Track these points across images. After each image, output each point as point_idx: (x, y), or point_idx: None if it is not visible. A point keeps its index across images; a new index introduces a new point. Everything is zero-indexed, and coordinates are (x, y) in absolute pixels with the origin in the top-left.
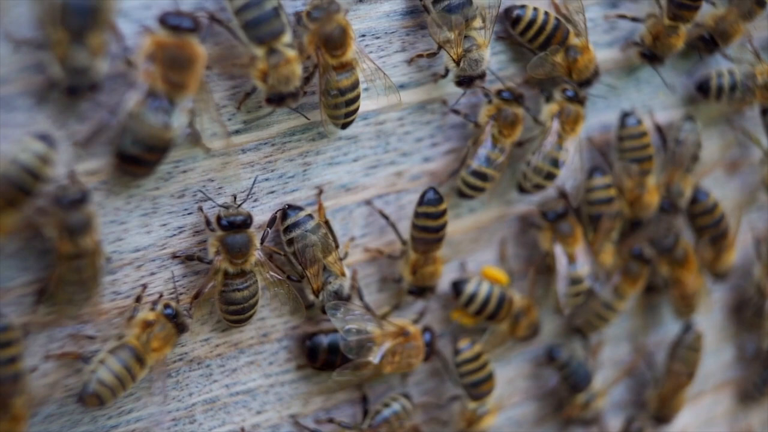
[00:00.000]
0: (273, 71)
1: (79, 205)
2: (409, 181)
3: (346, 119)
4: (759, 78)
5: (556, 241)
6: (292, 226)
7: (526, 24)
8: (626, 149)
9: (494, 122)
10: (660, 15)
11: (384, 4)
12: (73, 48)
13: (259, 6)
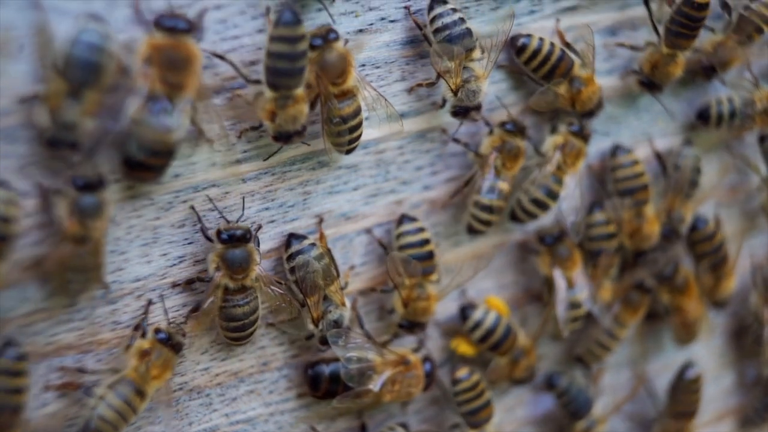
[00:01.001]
0: (281, 112)
1: (95, 189)
2: (410, 209)
3: (349, 146)
4: (758, 104)
5: (555, 265)
6: (296, 254)
7: (530, 53)
8: (619, 179)
9: (498, 154)
10: (658, 43)
11: (384, 33)
12: (67, 102)
13: (292, 61)
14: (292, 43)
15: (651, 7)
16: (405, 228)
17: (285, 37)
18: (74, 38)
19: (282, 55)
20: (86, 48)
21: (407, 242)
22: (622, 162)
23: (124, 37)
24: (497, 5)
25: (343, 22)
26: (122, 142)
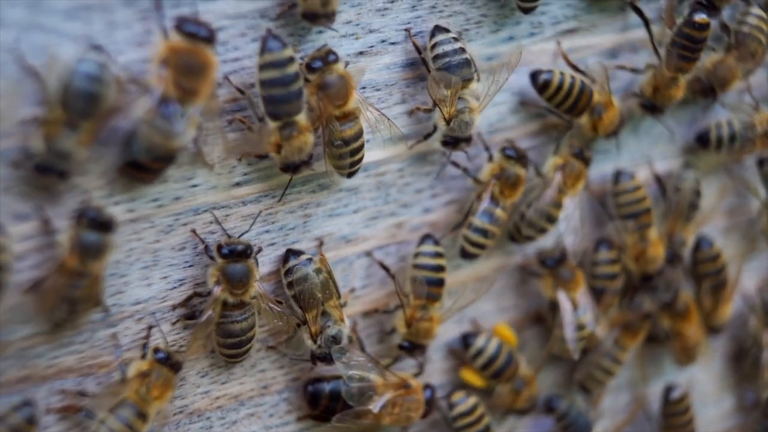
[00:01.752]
0: (286, 143)
1: (103, 229)
2: (410, 232)
3: (350, 169)
4: (758, 127)
5: (558, 287)
6: (293, 269)
7: (554, 89)
8: (622, 204)
9: (496, 181)
10: (659, 66)
11: (384, 56)
12: (63, 130)
13: (286, 85)
14: (280, 67)
15: (651, 29)
16: (425, 249)
17: (272, 63)
18: (73, 69)
19: (274, 82)
20: (84, 79)
21: (423, 263)
22: (625, 187)
23: (124, 60)
24: (497, 27)
25: (344, 44)
26: (127, 141)
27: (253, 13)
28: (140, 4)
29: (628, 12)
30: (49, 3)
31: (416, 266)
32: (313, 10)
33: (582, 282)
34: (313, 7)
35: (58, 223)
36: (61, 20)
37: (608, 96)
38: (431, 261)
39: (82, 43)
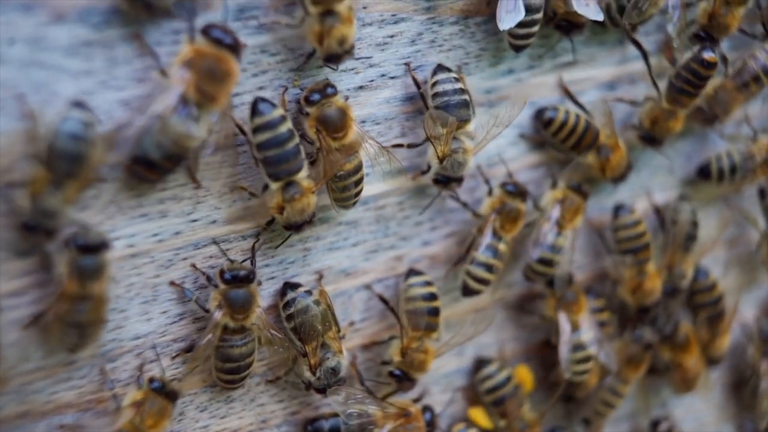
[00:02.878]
0: (289, 205)
1: (96, 251)
2: (409, 264)
3: (353, 200)
4: (757, 157)
5: (560, 309)
6: (291, 302)
7: (558, 126)
8: (622, 240)
9: (497, 216)
10: (658, 98)
11: (384, 90)
12: (49, 189)
13: (281, 145)
14: (273, 128)
15: (650, 62)
16: (414, 280)
17: (264, 125)
18: (57, 128)
19: (269, 144)
20: (68, 139)
21: (415, 294)
22: (625, 222)
23: (125, 96)
24: (497, 61)
25: (344, 79)
26: (140, 137)
27: (253, 49)
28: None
29: (627, 45)
30: (49, 39)
31: (409, 299)
32: (332, 52)
33: (585, 305)
34: (331, 49)
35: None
36: (62, 57)
37: (615, 138)
38: (423, 290)
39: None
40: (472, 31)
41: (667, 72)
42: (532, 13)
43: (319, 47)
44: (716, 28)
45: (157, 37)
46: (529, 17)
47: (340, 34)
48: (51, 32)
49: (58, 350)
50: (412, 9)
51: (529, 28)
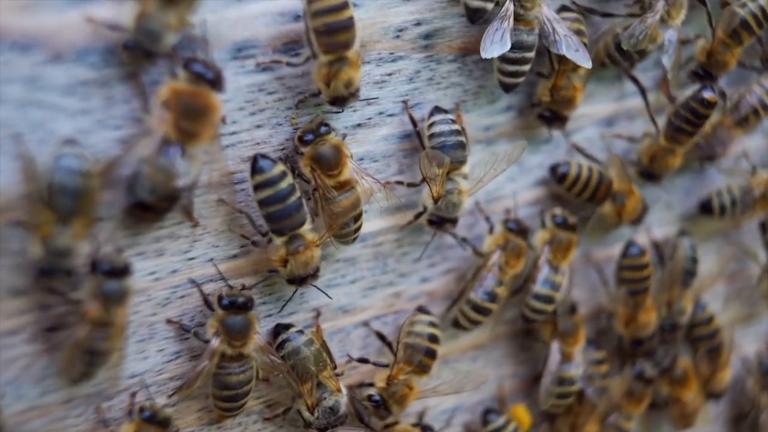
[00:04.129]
0: (292, 258)
1: (121, 275)
2: (408, 301)
3: (353, 236)
4: (756, 191)
5: (556, 337)
6: (284, 343)
7: (571, 180)
8: (625, 279)
9: (501, 252)
10: (656, 135)
11: (382, 128)
12: (56, 229)
13: (282, 201)
14: (273, 185)
15: (648, 98)
16: (421, 318)
17: (265, 182)
18: (54, 166)
19: (270, 200)
20: (67, 175)
21: (419, 331)
22: (633, 263)
23: (123, 134)
24: (495, 98)
25: (342, 117)
26: (130, 183)
27: (250, 87)
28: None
29: (625, 81)
30: (46, 79)
31: (411, 333)
32: (338, 94)
33: (582, 338)
34: (338, 91)
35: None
36: (59, 96)
37: (629, 184)
38: (427, 329)
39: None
40: (470, 69)
41: (666, 109)
42: (523, 50)
43: (325, 89)
44: (715, 66)
45: (154, 76)
46: (519, 54)
47: (348, 78)
48: (48, 72)
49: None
50: (409, 47)
51: (519, 65)
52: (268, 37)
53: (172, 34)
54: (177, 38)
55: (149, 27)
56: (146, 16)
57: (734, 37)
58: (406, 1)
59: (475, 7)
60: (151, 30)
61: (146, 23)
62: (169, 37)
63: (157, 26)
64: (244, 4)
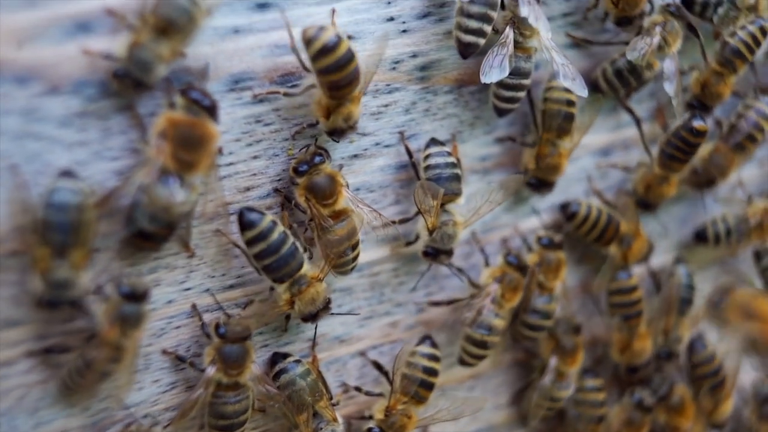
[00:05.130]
0: (298, 299)
1: (140, 300)
2: (404, 331)
3: (350, 266)
4: (752, 220)
5: (555, 353)
6: (281, 373)
7: (581, 220)
8: (616, 305)
9: (498, 285)
10: (650, 164)
11: (378, 159)
12: (54, 262)
13: (276, 252)
14: (265, 238)
15: (643, 128)
16: (423, 349)
17: (256, 237)
18: (46, 201)
19: (265, 253)
20: (59, 210)
21: (417, 363)
22: (621, 286)
23: (120, 165)
24: (491, 129)
25: (339, 147)
26: (129, 212)
27: (247, 119)
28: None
29: (620, 111)
30: (43, 111)
31: (410, 363)
32: (337, 126)
33: (579, 361)
34: (337, 124)
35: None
36: (56, 128)
37: (636, 226)
38: (426, 362)
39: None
40: (466, 100)
41: (658, 138)
42: (520, 77)
43: (324, 121)
44: (709, 97)
45: (151, 107)
46: (516, 80)
47: (348, 112)
48: (45, 103)
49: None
50: (406, 79)
51: (515, 91)
52: (265, 68)
53: (164, 66)
54: (168, 70)
55: (141, 57)
56: (139, 45)
57: (727, 65)
58: (402, 34)
59: (467, 42)
60: (142, 60)
61: (138, 53)
62: (160, 69)
63: (149, 57)
64: (241, 36)
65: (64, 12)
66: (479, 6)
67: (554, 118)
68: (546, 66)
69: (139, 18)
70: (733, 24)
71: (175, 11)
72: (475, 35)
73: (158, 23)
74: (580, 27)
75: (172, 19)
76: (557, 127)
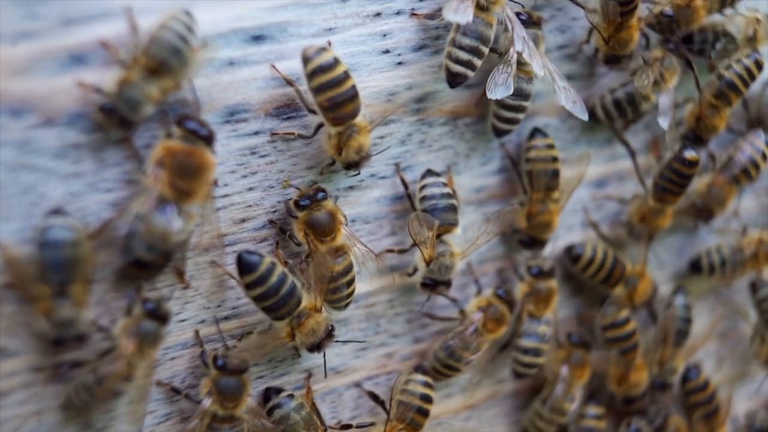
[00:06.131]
0: (298, 332)
1: (161, 320)
2: (400, 362)
3: (345, 302)
4: (746, 251)
5: (566, 364)
6: (274, 408)
7: (586, 262)
8: (610, 340)
9: (482, 314)
10: (645, 196)
11: (374, 190)
12: (56, 301)
13: (276, 293)
14: (264, 282)
15: (637, 160)
16: (416, 377)
17: (255, 281)
18: (40, 241)
19: (264, 296)
20: (54, 248)
21: (412, 390)
22: (615, 320)
23: (114, 197)
24: (486, 160)
25: (334, 178)
26: (125, 241)
27: (242, 150)
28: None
29: (615, 143)
30: (38, 142)
31: (405, 391)
32: (351, 160)
33: (586, 375)
34: (350, 157)
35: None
36: (50, 159)
37: (642, 268)
38: (421, 389)
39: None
40: (461, 132)
41: (653, 170)
42: (521, 98)
43: (337, 157)
44: (704, 130)
45: (146, 139)
46: (517, 102)
47: (358, 144)
48: (40, 135)
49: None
50: (401, 110)
51: (515, 113)
52: (260, 101)
53: (152, 106)
54: (154, 110)
55: (130, 95)
56: (129, 83)
57: (722, 98)
58: (397, 66)
59: (455, 72)
60: (131, 98)
61: (128, 91)
62: (147, 108)
63: (138, 95)
64: (236, 68)
65: (59, 44)
66: (471, 39)
67: (540, 177)
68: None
69: (131, 56)
70: (729, 57)
71: (167, 52)
72: (464, 66)
73: (150, 63)
74: (574, 59)
75: (164, 60)
76: (545, 185)
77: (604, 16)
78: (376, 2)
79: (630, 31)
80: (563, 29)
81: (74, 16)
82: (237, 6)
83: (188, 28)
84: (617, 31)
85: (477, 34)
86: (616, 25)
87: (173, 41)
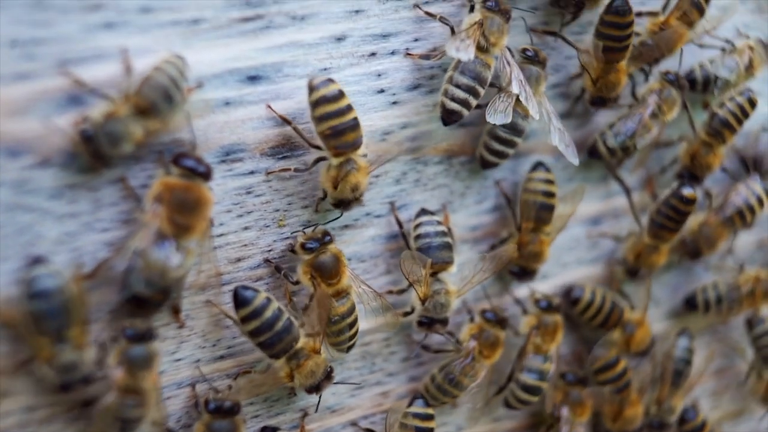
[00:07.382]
0: (297, 372)
1: (145, 340)
2: (396, 400)
3: (349, 343)
4: (743, 288)
5: (566, 404)
6: None
7: (584, 305)
8: (602, 382)
9: (476, 342)
10: (640, 233)
11: (369, 229)
12: (56, 348)
13: (271, 328)
14: (259, 315)
15: (632, 198)
16: (416, 410)
17: (250, 315)
18: (27, 293)
19: (259, 331)
20: (44, 298)
21: (411, 424)
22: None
23: (110, 236)
24: (481, 198)
25: (329, 217)
26: (124, 277)
27: (238, 190)
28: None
29: (610, 181)
30: (34, 182)
31: (404, 425)
32: (344, 197)
33: (588, 412)
34: (344, 194)
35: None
36: (46, 199)
37: (642, 315)
38: (421, 424)
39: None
40: (456, 170)
41: (648, 208)
42: (514, 133)
43: (332, 191)
44: (699, 168)
45: (142, 179)
46: (509, 136)
47: (355, 181)
48: (36, 175)
49: None
50: (396, 150)
51: (505, 146)
52: (256, 140)
53: (131, 145)
54: (132, 149)
55: (113, 129)
56: (115, 118)
57: (716, 136)
58: (392, 105)
59: (451, 109)
60: (113, 132)
61: (112, 125)
62: (126, 146)
63: (120, 131)
64: (232, 108)
65: (56, 85)
66: (468, 78)
67: (531, 209)
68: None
69: (122, 94)
70: (726, 92)
71: (158, 95)
72: (460, 104)
73: (139, 103)
74: (568, 98)
75: (154, 102)
76: (535, 217)
77: (595, 56)
78: (371, 42)
79: (618, 74)
80: (557, 68)
81: (70, 57)
82: (233, 46)
83: (180, 72)
84: (606, 74)
85: (474, 73)
86: (605, 67)
87: (165, 84)
